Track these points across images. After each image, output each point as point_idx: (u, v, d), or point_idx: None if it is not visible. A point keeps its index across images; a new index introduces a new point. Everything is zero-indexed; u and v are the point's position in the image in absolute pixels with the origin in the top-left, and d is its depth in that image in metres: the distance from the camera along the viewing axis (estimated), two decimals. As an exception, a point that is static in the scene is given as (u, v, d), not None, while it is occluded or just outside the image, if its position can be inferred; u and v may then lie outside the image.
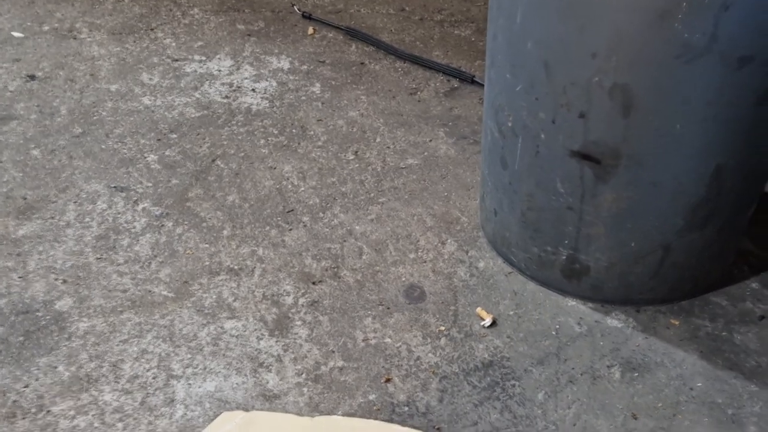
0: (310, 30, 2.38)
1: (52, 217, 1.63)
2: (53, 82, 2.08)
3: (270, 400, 1.25)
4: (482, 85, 2.02)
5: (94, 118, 1.95)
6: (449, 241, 1.56)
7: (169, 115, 1.97)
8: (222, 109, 1.99)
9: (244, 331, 1.37)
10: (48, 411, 1.23)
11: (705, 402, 1.23)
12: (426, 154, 1.83)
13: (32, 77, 2.10)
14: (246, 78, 2.12)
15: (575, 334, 1.35)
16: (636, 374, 1.27)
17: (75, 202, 1.67)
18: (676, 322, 1.37)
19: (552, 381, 1.27)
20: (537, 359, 1.30)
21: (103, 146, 1.85)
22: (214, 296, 1.44)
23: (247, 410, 1.22)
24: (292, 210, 1.65)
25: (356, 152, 1.83)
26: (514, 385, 1.26)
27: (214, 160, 1.80)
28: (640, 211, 1.27)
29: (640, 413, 1.21)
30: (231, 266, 1.51)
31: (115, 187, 1.72)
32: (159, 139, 1.87)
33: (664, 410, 1.21)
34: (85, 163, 1.79)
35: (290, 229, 1.60)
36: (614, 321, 1.37)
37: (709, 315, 1.38)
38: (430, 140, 1.87)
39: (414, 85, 2.10)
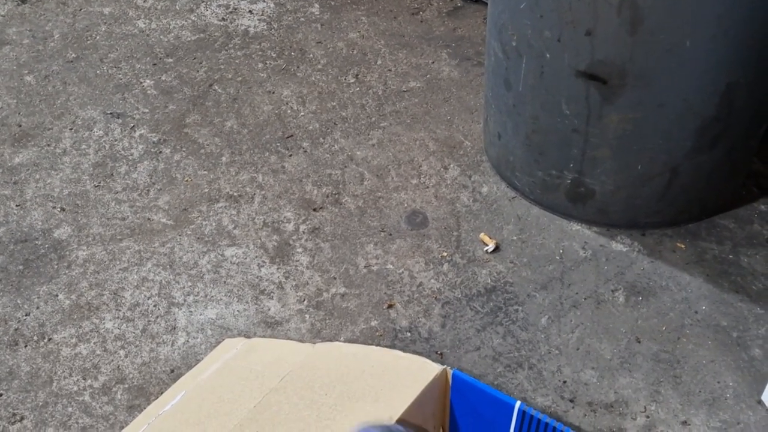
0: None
1: (48, 145, 1.60)
2: (45, 6, 2.03)
3: (272, 327, 1.24)
4: (486, 4, 1.96)
5: (88, 42, 1.90)
6: (452, 165, 1.53)
7: (165, 38, 1.91)
8: (219, 32, 1.93)
9: (245, 258, 1.35)
10: (50, 339, 1.23)
11: (710, 325, 1.22)
12: (428, 76, 1.78)
13: (23, 0, 2.04)
14: (243, -1, 2.05)
15: (579, 258, 1.33)
16: (640, 298, 1.26)
17: (71, 129, 1.64)
18: (683, 246, 1.35)
19: (555, 305, 1.25)
20: (540, 284, 1.29)
21: (98, 71, 1.80)
22: (214, 224, 1.42)
23: (248, 337, 1.22)
24: (292, 135, 1.62)
25: (357, 75, 1.78)
26: (517, 310, 1.25)
27: (211, 85, 1.76)
28: (647, 133, 1.23)
29: (643, 337, 1.20)
30: (230, 193, 1.48)
31: (111, 113, 1.68)
32: (155, 64, 1.83)
33: (668, 334, 1.20)
34: (80, 89, 1.75)
35: (290, 155, 1.57)
36: (619, 245, 1.36)
37: (716, 238, 1.36)
38: (433, 62, 1.82)
39: (416, 5, 2.03)
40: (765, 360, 1.16)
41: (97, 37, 1.92)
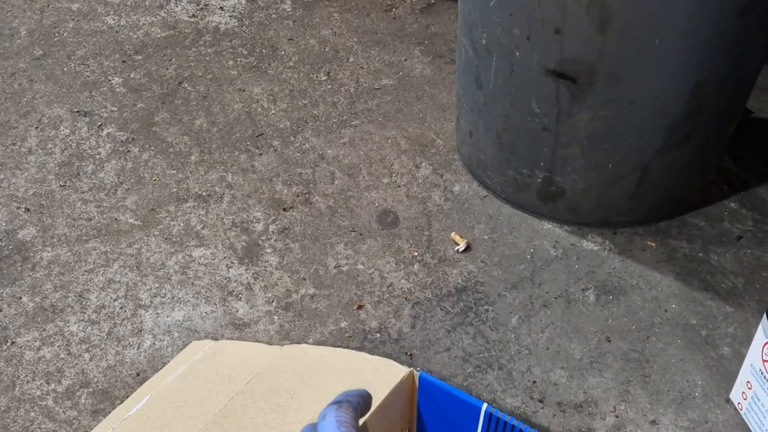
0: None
1: (13, 144, 1.57)
2: (11, 1, 1.99)
3: (240, 329, 1.23)
4: (460, 1, 1.95)
5: (55, 39, 1.87)
6: (424, 164, 1.52)
7: (134, 35, 1.89)
8: (189, 29, 1.91)
9: (213, 259, 1.34)
10: (12, 342, 1.20)
11: (679, 324, 1.21)
12: (401, 74, 1.77)
13: (-11, -3, 2.01)
14: (214, -5, 2.03)
15: (550, 257, 1.33)
16: (611, 297, 1.26)
17: (37, 128, 1.61)
18: (653, 244, 1.35)
19: (526, 305, 1.25)
20: (511, 283, 1.29)
21: (65, 69, 1.77)
22: (182, 224, 1.40)
23: (216, 339, 1.20)
24: (262, 134, 1.60)
25: (329, 73, 1.77)
26: (487, 310, 1.24)
27: (180, 83, 1.73)
28: (618, 131, 1.23)
29: (613, 336, 1.20)
30: (199, 193, 1.46)
31: (78, 111, 1.66)
32: (123, 61, 1.80)
33: (638, 333, 1.20)
34: (46, 87, 1.72)
35: (260, 154, 1.55)
36: (590, 244, 1.35)
37: (687, 236, 1.36)
38: (406, 59, 1.81)
39: (389, 1, 2.02)
40: (733, 358, 1.16)
41: (65, 34, 1.89)
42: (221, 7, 1.98)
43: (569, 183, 1.33)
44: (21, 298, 1.27)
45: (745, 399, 1.07)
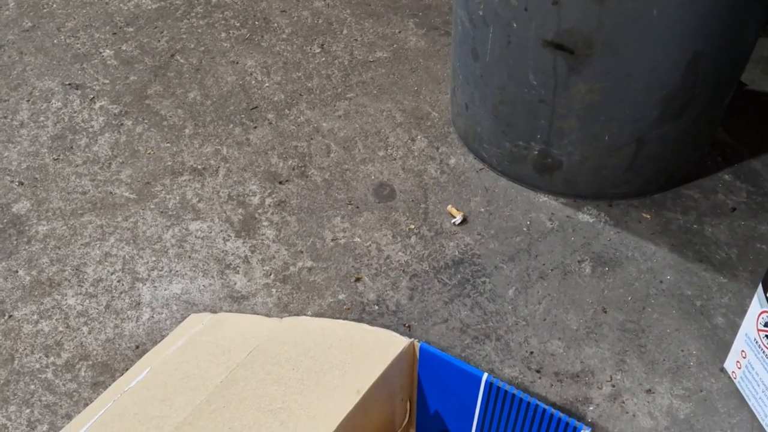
0: None
1: (5, 117, 1.55)
2: (-1, -27, 1.96)
3: (238, 302, 1.23)
4: (454, -27, 1.93)
5: (44, 10, 1.84)
6: (419, 137, 1.52)
7: (125, 6, 1.86)
8: (180, 0, 1.88)
9: (210, 232, 1.33)
10: (10, 316, 1.20)
11: (674, 294, 1.23)
12: (395, 46, 1.76)
13: (-24, -33, 1.98)
14: (205, -33, 2.00)
15: (546, 229, 1.33)
16: (607, 269, 1.27)
17: (28, 101, 1.59)
18: (648, 216, 1.36)
19: (522, 277, 1.26)
20: (508, 256, 1.29)
21: (55, 41, 1.75)
22: (178, 197, 1.40)
23: (214, 312, 1.20)
24: (257, 107, 1.59)
25: (322, 45, 1.76)
26: (484, 282, 1.25)
27: (173, 55, 1.72)
28: (614, 103, 1.23)
29: (609, 307, 1.21)
30: (194, 166, 1.46)
31: (69, 84, 1.64)
32: (114, 33, 1.78)
33: (634, 303, 1.21)
34: (36, 59, 1.70)
35: (255, 127, 1.54)
36: (586, 216, 1.36)
37: (681, 208, 1.37)
38: (400, 32, 1.80)
39: (382, -27, 2.00)
40: (728, 328, 1.17)
41: (54, 6, 1.86)
42: (212, -21, 1.96)
43: (565, 155, 1.33)
44: (17, 271, 1.27)
45: (739, 368, 1.08)
